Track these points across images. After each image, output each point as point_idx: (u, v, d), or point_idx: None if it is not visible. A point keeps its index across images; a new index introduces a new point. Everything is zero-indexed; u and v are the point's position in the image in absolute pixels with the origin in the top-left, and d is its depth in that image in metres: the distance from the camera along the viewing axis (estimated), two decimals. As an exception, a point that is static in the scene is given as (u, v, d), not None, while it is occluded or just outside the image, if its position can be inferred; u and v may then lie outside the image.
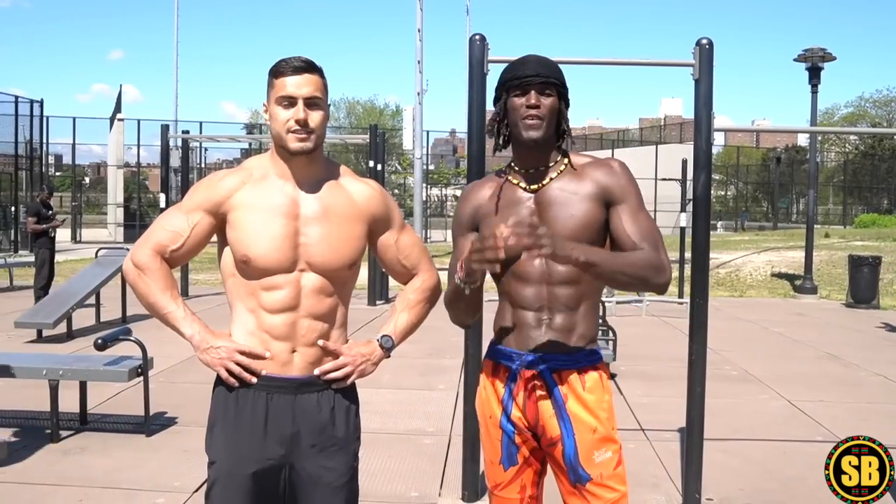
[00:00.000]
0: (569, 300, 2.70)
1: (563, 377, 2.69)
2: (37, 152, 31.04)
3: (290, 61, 2.57)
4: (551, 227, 2.61)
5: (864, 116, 62.62)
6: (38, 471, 5.56)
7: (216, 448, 2.62)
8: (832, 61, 17.89)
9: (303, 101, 2.55)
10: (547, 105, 2.66)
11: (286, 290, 2.58)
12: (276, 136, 2.59)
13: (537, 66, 2.69)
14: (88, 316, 11.98)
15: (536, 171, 2.75)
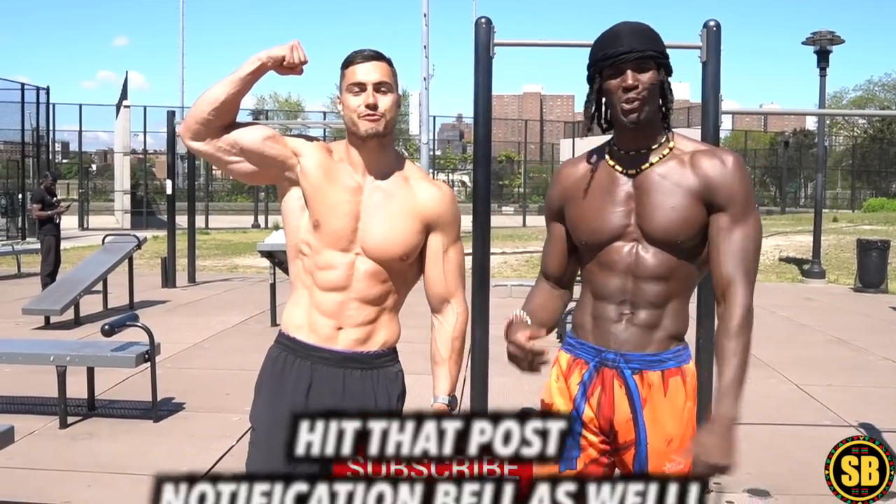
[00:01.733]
0: (655, 297, 2.50)
1: (645, 379, 2.50)
2: (43, 139, 31.08)
3: (360, 51, 2.67)
4: (649, 217, 2.46)
5: (873, 100, 62.28)
6: (47, 456, 5.58)
7: (257, 413, 2.72)
8: (840, 44, 17.78)
9: (371, 86, 2.63)
10: (646, 82, 2.40)
11: (340, 270, 2.66)
12: (349, 122, 2.67)
13: (631, 39, 2.41)
14: (96, 302, 11.99)
15: (637, 154, 2.51)
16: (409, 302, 2.96)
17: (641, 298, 2.50)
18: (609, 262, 2.52)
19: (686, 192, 2.44)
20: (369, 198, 2.69)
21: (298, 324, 2.71)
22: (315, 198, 2.66)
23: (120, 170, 37.76)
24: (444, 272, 2.81)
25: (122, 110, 36.24)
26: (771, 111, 10.32)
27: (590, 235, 2.55)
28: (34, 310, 10.48)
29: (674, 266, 2.48)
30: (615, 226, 2.50)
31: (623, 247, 2.50)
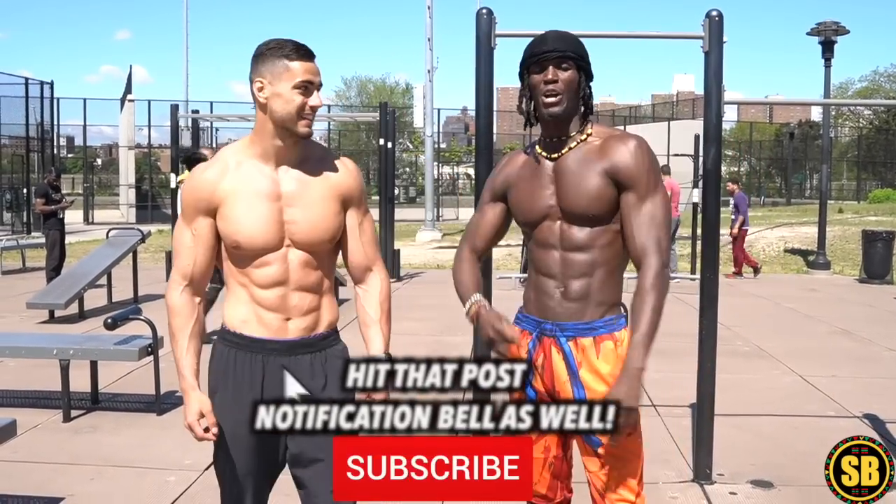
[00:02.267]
0: (583, 266, 2.78)
1: (579, 345, 2.78)
2: (48, 134, 31.12)
3: (298, 47, 2.65)
4: (565, 195, 2.77)
5: (879, 91, 62.09)
6: (50, 450, 5.59)
7: (218, 412, 2.73)
8: (845, 35, 17.73)
9: (316, 87, 2.66)
10: (565, 79, 2.72)
11: (275, 265, 2.71)
12: (285, 117, 2.65)
13: (554, 41, 2.74)
14: (100, 296, 12.01)
15: (557, 141, 2.82)
16: (411, 295, 3.00)
17: (571, 269, 2.79)
18: (542, 240, 2.85)
19: (596, 173, 2.73)
20: (287, 190, 2.71)
21: (244, 319, 2.75)
22: (233, 218, 2.69)
23: (124, 164, 37.80)
24: (363, 243, 2.90)
25: (126, 104, 36.27)
26: (776, 101, 10.31)
27: (526, 216, 2.89)
28: (38, 304, 10.49)
29: (595, 236, 2.77)
30: (543, 206, 2.83)
31: (552, 225, 2.82)
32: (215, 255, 2.78)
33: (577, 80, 2.76)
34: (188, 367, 2.73)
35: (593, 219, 2.76)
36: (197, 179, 2.74)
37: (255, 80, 2.67)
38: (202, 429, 2.68)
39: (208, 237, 2.73)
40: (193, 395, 2.70)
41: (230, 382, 2.75)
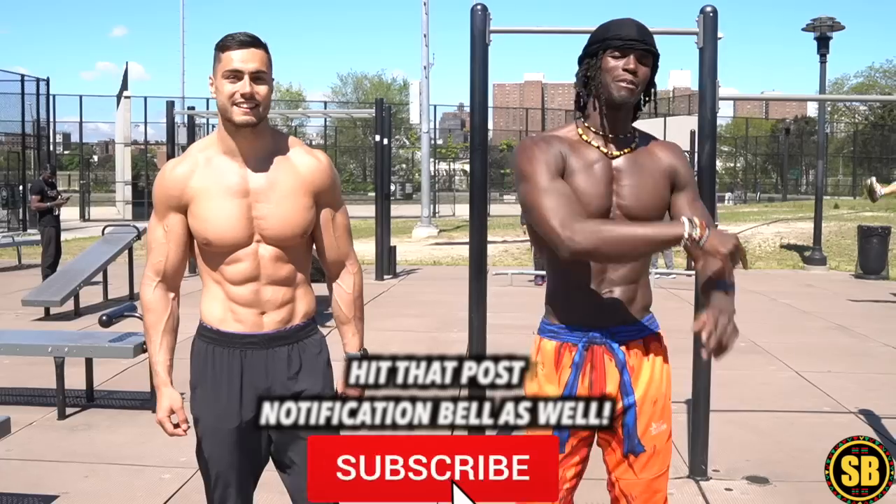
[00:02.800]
0: (631, 272, 2.67)
1: (631, 349, 2.68)
2: (44, 131, 31.05)
3: (235, 36, 2.64)
4: (628, 196, 2.63)
5: (875, 86, 62.09)
6: (45, 447, 5.58)
7: (199, 407, 2.80)
8: (841, 30, 17.74)
9: (248, 75, 2.61)
10: (643, 73, 2.59)
11: (246, 262, 2.72)
12: (222, 109, 2.65)
13: (640, 32, 2.60)
14: (96, 293, 11.99)
15: (615, 138, 2.67)
16: (408, 291, 3.00)
17: (618, 275, 2.65)
18: None
19: (658, 175, 2.67)
20: (256, 186, 2.70)
21: (220, 317, 2.77)
22: (203, 215, 2.70)
23: (121, 160, 37.74)
24: (336, 238, 2.89)
25: (122, 101, 36.21)
26: (771, 97, 10.31)
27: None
28: (34, 301, 10.48)
29: None
30: (597, 205, 2.60)
31: None
32: (188, 250, 2.81)
33: (650, 79, 2.64)
34: (161, 364, 2.78)
35: (653, 218, 2.64)
36: (167, 176, 2.74)
37: (209, 79, 2.71)
38: (172, 425, 2.76)
39: (180, 233, 2.75)
40: (165, 392, 2.76)
41: (209, 377, 2.77)
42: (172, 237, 2.75)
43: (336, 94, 65.11)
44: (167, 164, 2.79)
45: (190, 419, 2.83)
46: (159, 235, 2.76)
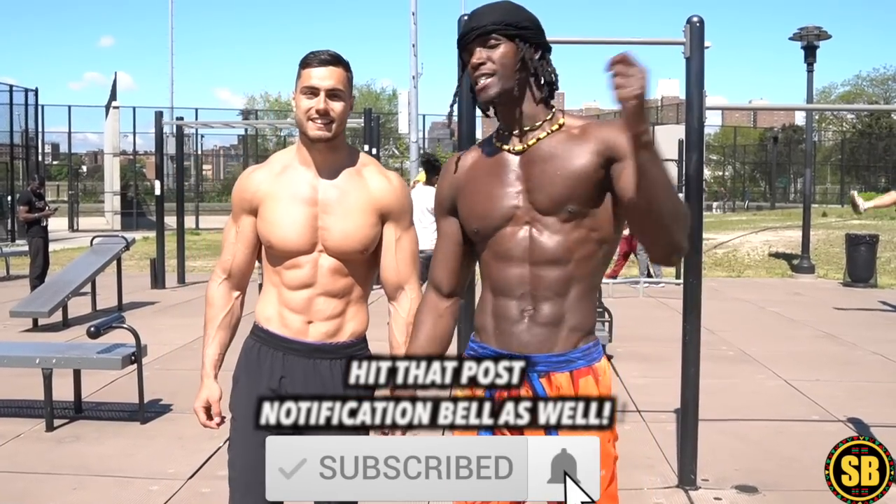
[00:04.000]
0: (556, 284, 2.34)
1: (553, 383, 2.34)
2: (32, 141, 30.94)
3: (318, 54, 2.73)
4: (537, 189, 2.33)
5: (862, 95, 62.43)
6: (33, 459, 5.55)
7: (236, 400, 2.86)
8: (827, 39, 17.83)
9: (325, 92, 2.69)
10: (496, 56, 2.30)
11: (305, 268, 2.77)
12: (299, 123, 2.76)
13: (478, 17, 2.33)
14: (84, 304, 11.95)
15: (521, 132, 2.39)
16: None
17: (541, 288, 2.34)
18: (503, 252, 2.38)
19: (579, 153, 2.30)
20: (325, 197, 2.78)
21: (269, 316, 2.84)
22: (269, 218, 2.80)
23: (110, 171, 37.64)
24: (398, 261, 2.87)
25: (111, 111, 36.13)
26: (759, 107, 10.33)
27: (481, 221, 2.41)
28: (22, 312, 10.44)
29: (571, 246, 2.32)
30: (505, 207, 2.37)
31: (517, 231, 2.36)
32: (255, 253, 2.91)
33: (516, 54, 2.30)
34: (209, 357, 2.89)
35: (570, 214, 2.30)
36: (244, 179, 2.89)
37: (293, 92, 2.80)
38: (205, 415, 2.86)
39: (249, 235, 2.86)
40: (206, 383, 2.87)
41: (251, 374, 2.84)
42: (242, 238, 2.87)
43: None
44: (247, 169, 2.95)
45: (228, 415, 2.90)
46: (231, 235, 2.89)
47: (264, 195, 2.80)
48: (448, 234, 2.57)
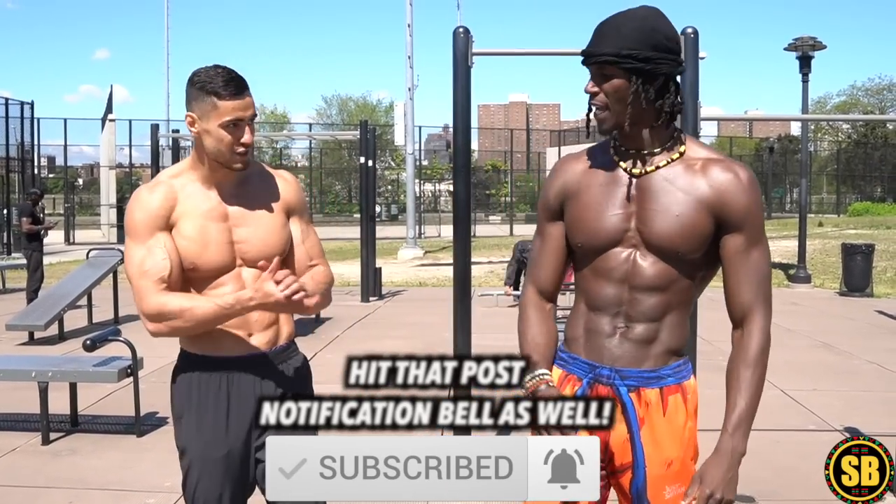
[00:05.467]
0: (652, 309, 2.33)
1: (642, 397, 2.34)
2: (28, 154, 30.97)
3: (227, 82, 2.56)
4: (650, 222, 2.29)
5: (857, 105, 62.73)
6: (29, 473, 5.53)
7: (186, 436, 2.73)
8: (822, 50, 17.88)
9: (247, 123, 2.60)
10: (610, 90, 2.23)
11: (230, 286, 2.66)
12: (217, 154, 2.61)
13: (596, 40, 2.25)
14: (81, 317, 11.93)
15: (640, 154, 2.32)
16: (393, 313, 2.98)
17: (637, 310, 2.33)
18: (604, 270, 2.35)
19: (694, 201, 2.26)
20: (233, 210, 2.69)
21: (206, 341, 2.68)
22: (190, 238, 2.63)
23: (106, 184, 37.64)
24: (307, 248, 2.83)
25: (107, 124, 36.16)
26: (754, 117, 10.36)
27: (588, 237, 2.36)
28: (18, 325, 10.41)
29: (673, 277, 2.31)
30: (615, 228, 2.32)
31: (621, 253, 2.33)
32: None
33: (628, 86, 2.21)
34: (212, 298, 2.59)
35: (677, 255, 2.29)
36: (147, 199, 2.63)
37: (186, 114, 2.64)
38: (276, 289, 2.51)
39: (175, 252, 2.62)
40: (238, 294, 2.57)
41: (195, 405, 2.71)
42: (171, 255, 2.60)
43: (321, 115, 65.32)
44: (141, 190, 2.69)
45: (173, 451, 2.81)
46: (155, 256, 2.57)
47: (180, 214, 2.63)
48: (554, 237, 2.49)
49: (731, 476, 2.24)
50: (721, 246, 2.30)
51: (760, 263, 2.33)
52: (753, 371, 2.30)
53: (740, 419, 2.25)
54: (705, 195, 2.26)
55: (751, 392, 2.28)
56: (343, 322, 11.75)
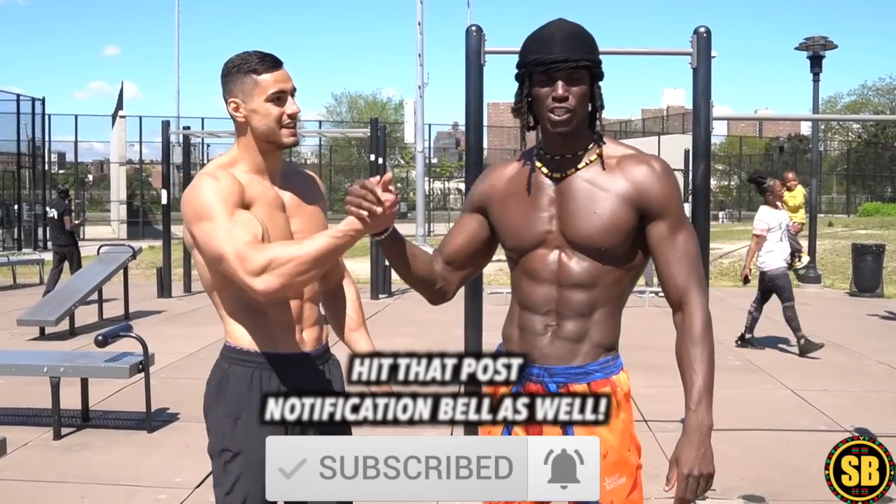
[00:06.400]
0: (581, 305, 2.42)
1: (571, 392, 2.40)
2: (39, 150, 31.07)
3: (262, 58, 2.59)
4: (571, 222, 2.39)
5: (867, 104, 62.52)
6: (40, 468, 5.56)
7: (245, 438, 2.59)
8: (833, 49, 17.82)
9: (290, 94, 2.60)
10: (577, 93, 2.32)
11: None
12: (267, 131, 2.59)
13: (564, 46, 2.31)
14: (91, 313, 11.98)
15: (563, 158, 2.43)
16: (403, 311, 2.99)
17: (567, 308, 2.43)
18: (533, 271, 2.47)
19: (614, 198, 2.37)
20: (286, 201, 2.68)
21: (262, 338, 2.63)
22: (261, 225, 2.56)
23: (116, 180, 37.78)
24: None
25: (117, 120, 36.27)
26: (765, 117, 10.36)
27: (515, 241, 2.50)
28: (29, 321, 10.47)
29: (599, 273, 2.41)
30: (537, 232, 2.44)
31: (547, 254, 2.44)
32: None
33: (588, 90, 2.35)
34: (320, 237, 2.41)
35: (603, 253, 2.39)
36: (216, 186, 2.51)
37: (229, 101, 2.63)
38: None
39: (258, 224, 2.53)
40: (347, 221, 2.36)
41: (256, 404, 2.47)
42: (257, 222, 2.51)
43: (331, 113, 65.31)
44: (203, 178, 2.57)
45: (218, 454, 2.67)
46: (243, 222, 2.46)
47: (249, 199, 2.56)
48: (468, 224, 2.63)
49: (703, 451, 2.30)
50: (647, 236, 2.40)
51: (688, 245, 2.40)
52: (702, 348, 2.34)
53: (700, 395, 2.30)
54: (624, 190, 2.37)
55: (704, 367, 2.32)
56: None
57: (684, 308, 2.41)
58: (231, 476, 2.62)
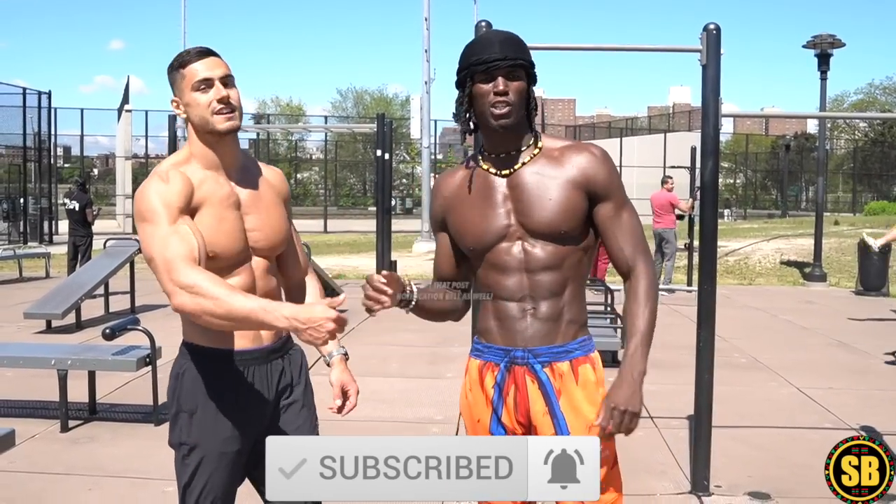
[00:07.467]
0: (553, 285, 2.60)
1: (556, 371, 2.60)
2: (45, 144, 31.07)
3: (191, 50, 2.61)
4: (528, 213, 2.59)
5: (874, 103, 62.32)
6: (48, 460, 5.59)
7: (200, 431, 2.66)
8: (841, 48, 17.77)
9: (218, 80, 2.58)
10: (515, 88, 2.54)
11: (243, 276, 2.66)
12: (201, 122, 2.59)
13: (503, 47, 2.53)
14: (97, 306, 12.00)
15: (507, 156, 2.63)
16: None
17: (540, 290, 2.61)
18: (501, 264, 2.63)
19: (564, 184, 2.58)
20: (242, 198, 2.67)
21: (219, 334, 2.60)
22: (209, 226, 2.56)
23: (122, 174, 37.77)
24: (299, 248, 2.96)
25: (123, 114, 36.26)
26: (771, 114, 10.33)
27: (475, 241, 2.65)
28: (36, 314, 10.48)
29: (563, 254, 2.60)
30: (498, 227, 2.62)
31: (511, 247, 2.62)
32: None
33: (526, 88, 2.58)
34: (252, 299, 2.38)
35: (562, 236, 2.58)
36: (163, 189, 2.51)
37: (172, 101, 2.65)
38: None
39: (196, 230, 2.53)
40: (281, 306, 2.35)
41: (211, 399, 2.65)
42: (197, 236, 2.51)
43: (336, 108, 65.31)
44: (152, 180, 2.56)
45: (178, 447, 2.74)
46: (180, 236, 2.46)
47: (199, 199, 2.55)
48: (444, 244, 2.83)
49: (632, 392, 2.49)
50: (595, 215, 2.63)
51: (632, 221, 2.64)
52: (645, 305, 2.57)
53: (637, 344, 2.53)
54: (571, 176, 2.59)
55: (645, 320, 2.55)
56: (358, 315, 11.64)
57: (632, 275, 2.62)
58: (188, 469, 2.69)
